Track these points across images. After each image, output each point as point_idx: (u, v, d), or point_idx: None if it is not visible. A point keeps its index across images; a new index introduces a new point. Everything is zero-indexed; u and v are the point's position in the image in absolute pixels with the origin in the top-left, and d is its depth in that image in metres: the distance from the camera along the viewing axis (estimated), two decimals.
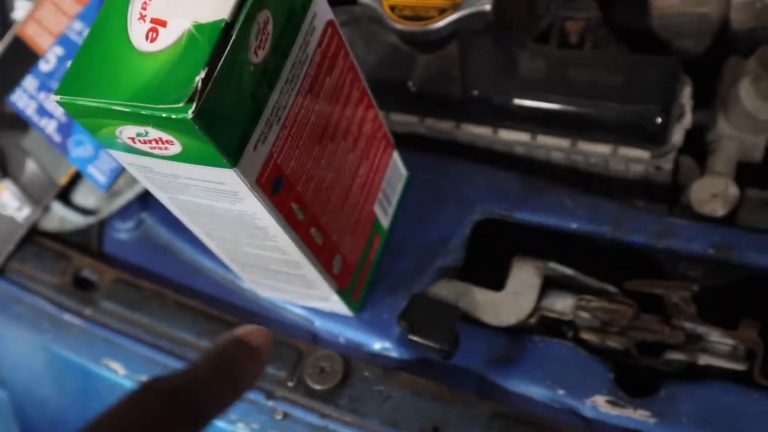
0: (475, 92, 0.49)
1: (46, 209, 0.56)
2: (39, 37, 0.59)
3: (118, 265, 0.55)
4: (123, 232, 0.56)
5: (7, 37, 0.60)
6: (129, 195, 0.55)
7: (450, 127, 0.51)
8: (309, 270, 0.43)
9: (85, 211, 0.56)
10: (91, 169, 0.53)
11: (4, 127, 0.58)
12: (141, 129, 0.32)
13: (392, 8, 0.48)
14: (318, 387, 0.45)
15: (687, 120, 0.47)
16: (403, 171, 0.51)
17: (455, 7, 0.47)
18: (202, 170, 0.34)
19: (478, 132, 0.50)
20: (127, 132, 0.33)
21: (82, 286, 0.54)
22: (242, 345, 0.30)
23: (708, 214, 0.46)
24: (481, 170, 0.50)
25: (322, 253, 0.42)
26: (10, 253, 0.56)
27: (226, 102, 0.32)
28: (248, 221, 0.38)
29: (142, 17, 0.33)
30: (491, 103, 0.49)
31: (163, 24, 0.32)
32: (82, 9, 0.58)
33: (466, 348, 0.44)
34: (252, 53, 0.33)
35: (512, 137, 0.49)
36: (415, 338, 0.44)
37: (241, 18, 0.32)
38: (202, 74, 0.31)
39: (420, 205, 0.51)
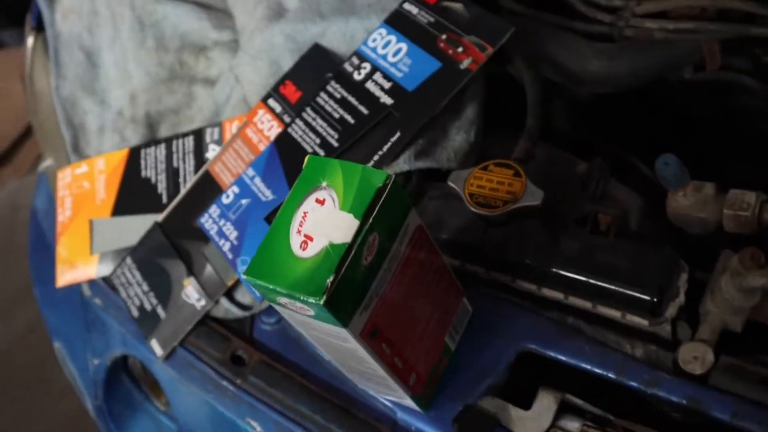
0: (528, 261, 0.67)
1: (217, 302, 0.78)
2: (222, 174, 0.82)
3: (262, 348, 0.77)
4: (267, 324, 0.78)
5: (201, 171, 0.84)
6: None
7: (508, 280, 0.69)
8: (391, 382, 0.62)
9: (242, 306, 0.78)
10: None
11: (193, 238, 0.81)
12: (291, 301, 0.53)
13: (470, 195, 0.68)
14: None
15: (680, 299, 0.63)
16: (469, 309, 0.69)
17: (514, 201, 0.66)
18: (325, 325, 0.55)
19: (527, 287, 0.68)
20: (283, 300, 0.54)
21: (236, 362, 0.76)
22: None
23: (689, 371, 0.62)
24: (527, 314, 0.68)
25: (401, 372, 0.62)
26: (189, 331, 0.78)
27: (344, 292, 0.52)
28: (353, 353, 0.58)
29: (299, 232, 0.54)
30: (537, 269, 0.67)
31: (311, 239, 0.53)
32: (255, 158, 0.80)
33: None
34: (363, 259, 0.53)
35: (551, 295, 0.67)
36: None
37: (358, 241, 0.52)
38: (331, 278, 0.51)
39: (479, 335, 0.69)
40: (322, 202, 0.55)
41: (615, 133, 0.87)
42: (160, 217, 0.84)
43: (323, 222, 0.53)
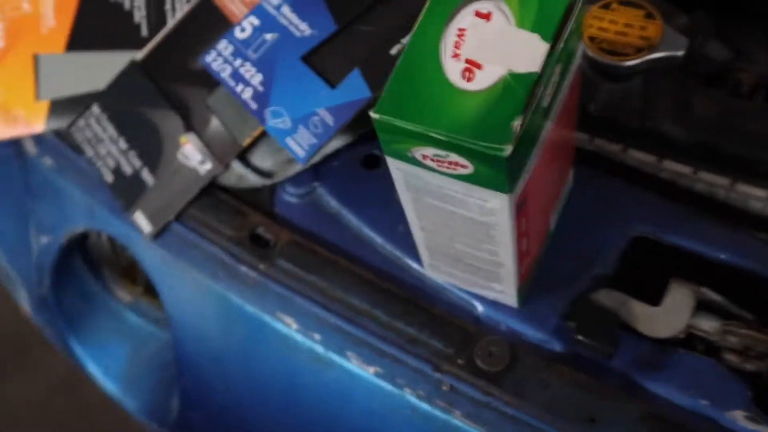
0: (649, 123, 0.55)
1: (227, 166, 0.61)
2: (230, 2, 0.63)
3: (288, 226, 0.60)
4: (294, 196, 0.61)
5: None
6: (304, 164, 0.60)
7: (618, 149, 0.56)
8: (507, 270, 0.48)
9: (262, 173, 0.61)
10: (290, 141, 0.58)
11: (189, 83, 0.62)
12: (443, 152, 0.38)
13: (591, 39, 0.53)
14: (486, 368, 0.52)
15: None
16: (571, 182, 0.56)
17: (650, 49, 0.52)
18: (476, 189, 0.40)
19: (644, 159, 0.56)
20: (424, 151, 0.38)
21: (257, 242, 0.60)
22: None
23: None
24: (641, 192, 0.56)
25: (523, 257, 0.48)
26: (189, 201, 0.60)
27: (524, 142, 0.37)
28: (482, 228, 0.44)
29: (456, 56, 0.38)
30: (662, 135, 0.54)
31: (479, 66, 0.37)
32: None
33: (619, 351, 0.51)
34: (544, 100, 0.38)
35: (676, 168, 0.55)
36: (582, 338, 0.50)
37: (548, 71, 0.37)
38: (519, 120, 0.36)
39: (580, 214, 0.56)
40: (486, 17, 0.39)
41: None
42: (138, 55, 0.64)
43: (493, 43, 0.38)
